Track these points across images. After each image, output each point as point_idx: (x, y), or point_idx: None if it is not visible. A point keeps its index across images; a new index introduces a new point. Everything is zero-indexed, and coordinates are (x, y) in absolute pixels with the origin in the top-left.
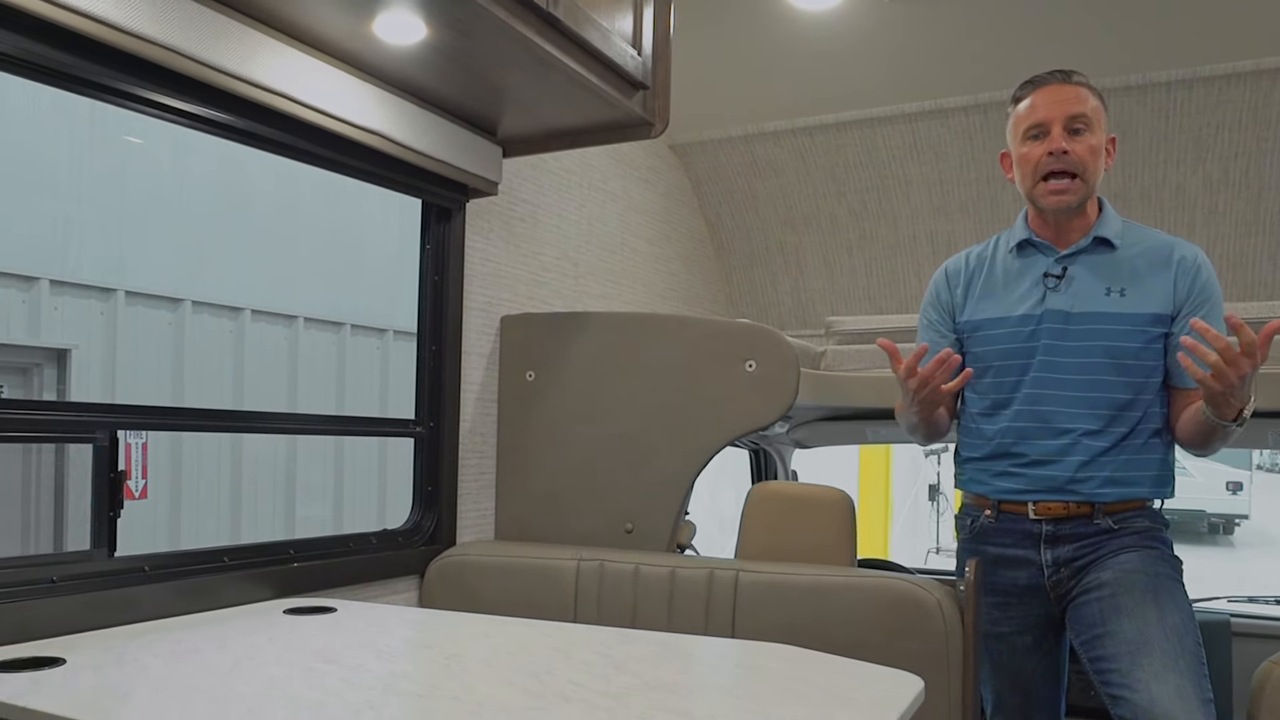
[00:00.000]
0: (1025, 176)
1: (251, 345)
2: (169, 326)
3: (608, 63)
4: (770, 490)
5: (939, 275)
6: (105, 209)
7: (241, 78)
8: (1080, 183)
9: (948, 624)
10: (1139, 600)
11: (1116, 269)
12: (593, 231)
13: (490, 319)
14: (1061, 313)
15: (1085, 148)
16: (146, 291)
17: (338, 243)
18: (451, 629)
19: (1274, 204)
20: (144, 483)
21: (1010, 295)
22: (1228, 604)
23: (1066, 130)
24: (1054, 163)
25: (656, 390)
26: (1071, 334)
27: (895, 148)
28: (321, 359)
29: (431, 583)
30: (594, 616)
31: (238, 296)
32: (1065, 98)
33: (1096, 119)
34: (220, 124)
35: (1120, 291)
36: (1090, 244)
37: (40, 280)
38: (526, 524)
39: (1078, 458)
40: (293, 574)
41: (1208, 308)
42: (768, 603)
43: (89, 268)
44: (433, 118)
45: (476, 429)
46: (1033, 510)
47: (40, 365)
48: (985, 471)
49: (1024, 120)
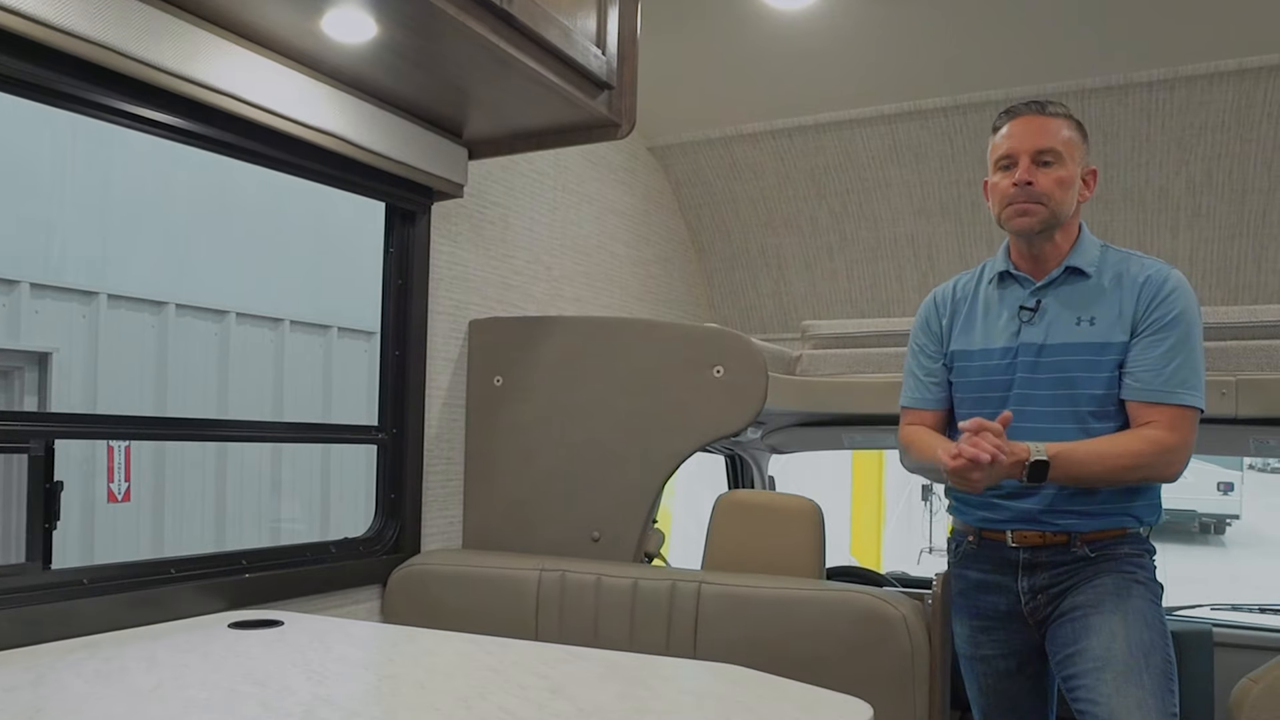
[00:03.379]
0: (995, 203)
1: (236, 348)
2: (152, 330)
3: (570, 62)
4: (737, 499)
5: (928, 303)
6: (87, 212)
7: (184, 77)
8: (1043, 208)
9: (913, 640)
10: (1108, 618)
11: (1087, 298)
12: (567, 234)
13: (458, 323)
14: (1034, 345)
15: (1051, 180)
16: (129, 294)
17: (325, 245)
18: (393, 646)
19: (1258, 206)
20: (126, 485)
21: (989, 328)
22: (1211, 612)
23: (1034, 162)
24: (1018, 194)
25: (624, 396)
26: (1043, 366)
27: (874, 149)
28: (308, 362)
29: (393, 593)
30: (555, 628)
31: (222, 299)
32: (1035, 130)
33: (1069, 151)
34: (163, 125)
35: (1090, 320)
36: (1062, 274)
37: (21, 284)
38: (494, 532)
39: (1049, 491)
40: (245, 585)
41: (1165, 325)
42: (730, 616)
43: (71, 271)
44: (394, 119)
45: (443, 435)
46: (1011, 538)
47: (21, 369)
48: (967, 501)
49: (997, 150)
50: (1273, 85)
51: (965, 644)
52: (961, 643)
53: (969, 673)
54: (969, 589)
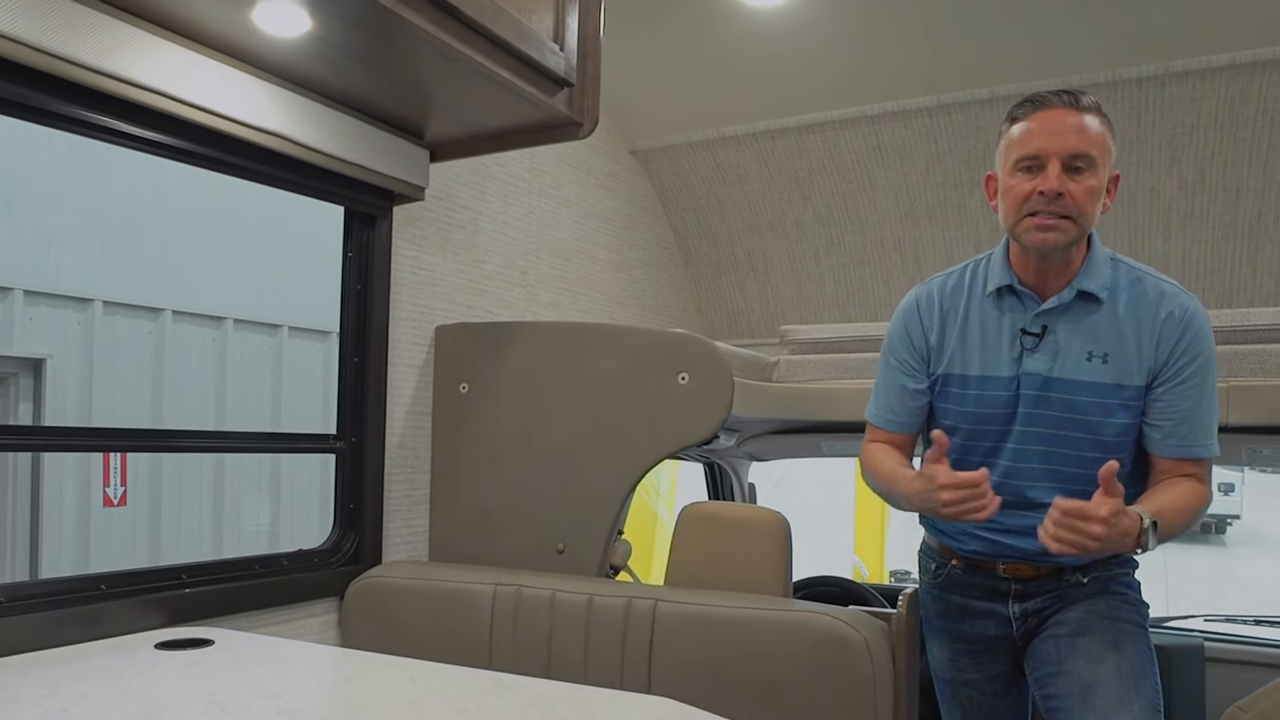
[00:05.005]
0: (1010, 210)
1: (234, 354)
2: (149, 336)
3: (524, 58)
4: (701, 511)
5: (909, 308)
6: (83, 219)
7: (106, 73)
8: (1073, 224)
9: (876, 664)
10: (1096, 641)
11: (1098, 329)
12: (544, 238)
13: (424, 329)
14: (1039, 377)
15: (1084, 190)
16: (125, 301)
17: (322, 249)
18: (314, 671)
19: (1252, 207)
20: (123, 490)
21: (987, 352)
22: (1204, 624)
23: (1065, 168)
24: (1044, 204)
25: (589, 403)
26: (1049, 402)
27: (859, 151)
28: (305, 367)
29: (350, 606)
30: (509, 645)
31: (219, 306)
32: (1069, 129)
33: (1101, 156)
34: (89, 124)
35: (1103, 358)
36: (1073, 299)
37: (14, 291)
38: (460, 543)
39: None
40: (185, 600)
41: (1191, 371)
42: (686, 635)
43: (66, 278)
44: (350, 121)
45: (407, 443)
46: (1002, 569)
47: (16, 375)
48: (951, 530)
49: (1018, 148)
50: (1268, 80)
51: (945, 668)
52: (941, 666)
53: (948, 696)
54: (950, 612)
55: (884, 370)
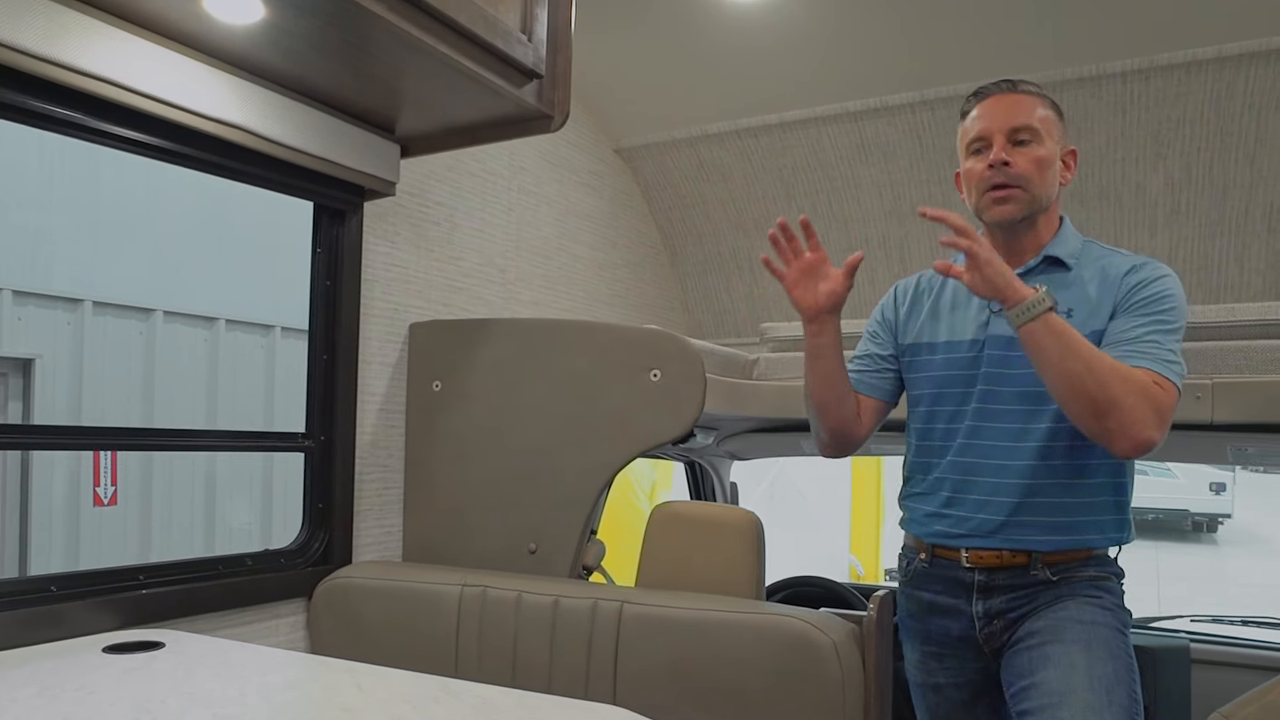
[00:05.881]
0: (970, 192)
1: (226, 355)
2: (140, 336)
3: (490, 49)
4: (672, 511)
5: (888, 295)
6: (74, 219)
7: (49, 59)
8: (1023, 193)
9: (845, 668)
10: (1068, 648)
11: (1066, 291)
12: (523, 236)
13: (397, 326)
14: (1004, 338)
15: (1029, 159)
16: (116, 301)
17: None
18: (260, 676)
19: (1240, 203)
20: (113, 489)
21: (952, 320)
22: (1191, 624)
23: (1009, 142)
24: (994, 176)
25: (561, 401)
26: (1014, 361)
27: (843, 148)
28: (299, 368)
29: (318, 607)
30: (474, 648)
31: (211, 306)
32: (1008, 108)
33: (1046, 129)
34: (35, 113)
35: (1067, 312)
36: (1040, 263)
37: (3, 291)
38: (433, 543)
39: (1013, 499)
40: (143, 601)
41: (1143, 300)
42: (652, 638)
43: (56, 278)
44: (316, 114)
45: (379, 442)
46: (965, 558)
47: (5, 375)
48: (919, 512)
49: (968, 134)
50: (1254, 73)
51: (916, 670)
52: (912, 669)
53: (920, 701)
54: (919, 611)
55: (859, 346)
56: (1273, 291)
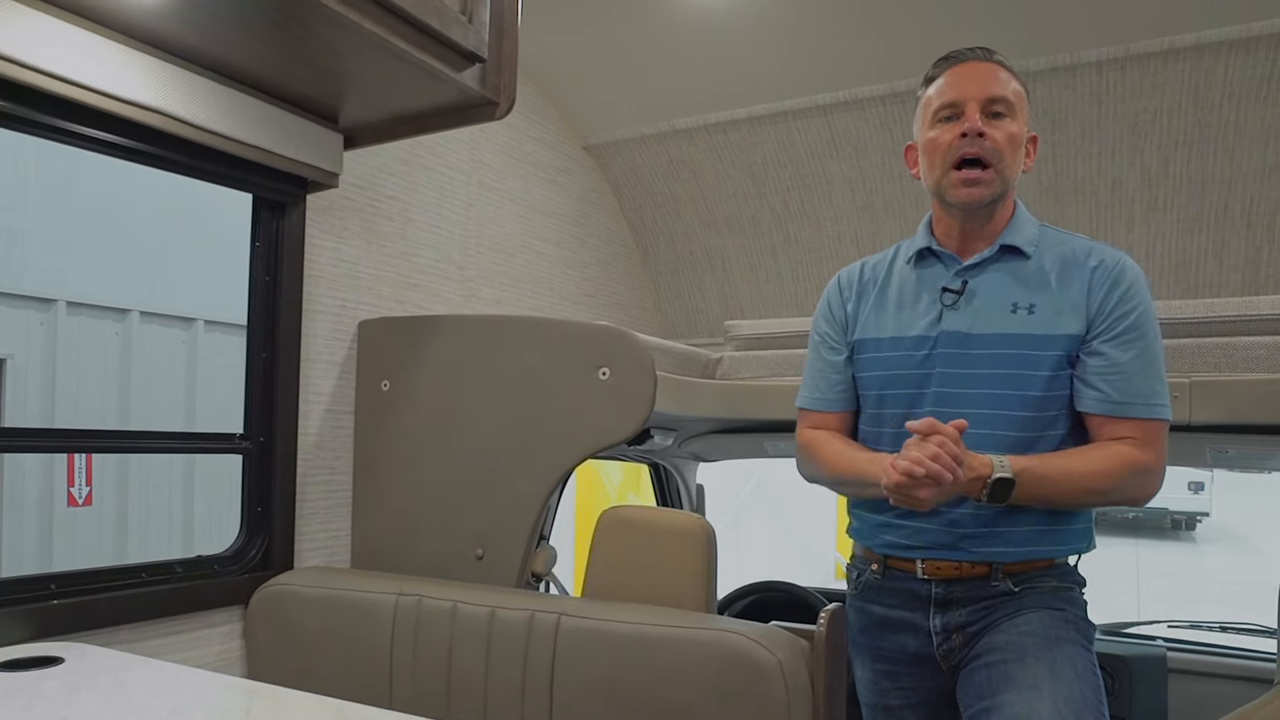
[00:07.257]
0: (934, 165)
1: (204, 356)
2: (115, 337)
3: (426, 29)
4: (620, 516)
5: (831, 285)
6: (49, 219)
7: None
8: (995, 175)
9: (791, 689)
10: (1031, 668)
11: (1025, 282)
12: (484, 233)
13: (345, 323)
14: (959, 334)
15: (1005, 135)
16: (91, 302)
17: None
18: (144, 699)
19: (1219, 198)
20: (88, 490)
21: (903, 313)
22: (1168, 630)
23: (984, 113)
24: (967, 145)
25: (509, 400)
26: (970, 359)
27: (813, 143)
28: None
29: (254, 615)
30: (409, 660)
31: (189, 307)
32: (984, 76)
33: (1019, 105)
34: None
35: (1029, 308)
36: (996, 253)
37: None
38: (381, 547)
39: (969, 509)
40: (55, 612)
41: (1127, 324)
42: (590, 653)
43: (29, 278)
44: (251, 101)
45: (325, 443)
46: (921, 569)
47: None
48: (869, 522)
49: (936, 100)
50: (1233, 62)
51: (868, 690)
52: (864, 688)
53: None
54: (871, 626)
55: (811, 352)
56: (1251, 289)
